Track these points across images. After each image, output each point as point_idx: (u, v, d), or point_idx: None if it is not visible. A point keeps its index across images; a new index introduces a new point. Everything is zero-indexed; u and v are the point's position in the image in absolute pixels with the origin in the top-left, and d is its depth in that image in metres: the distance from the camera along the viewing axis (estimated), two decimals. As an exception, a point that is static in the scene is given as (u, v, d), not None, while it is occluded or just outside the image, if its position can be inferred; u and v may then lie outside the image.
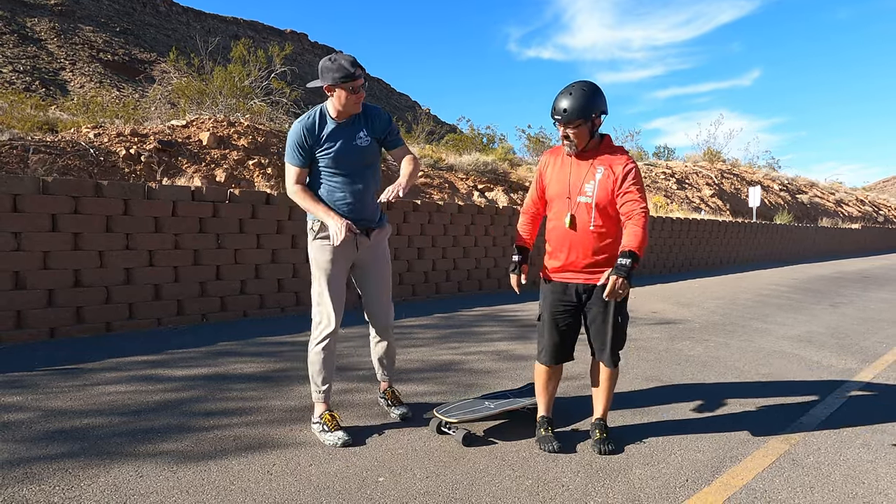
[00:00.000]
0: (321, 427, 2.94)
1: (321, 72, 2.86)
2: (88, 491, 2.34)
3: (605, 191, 2.75)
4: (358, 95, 2.87)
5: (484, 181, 12.83)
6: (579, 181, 2.80)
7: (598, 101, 2.72)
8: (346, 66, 2.80)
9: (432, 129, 17.46)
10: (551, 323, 2.96)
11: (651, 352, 5.03)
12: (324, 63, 2.85)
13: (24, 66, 32.83)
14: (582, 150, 2.81)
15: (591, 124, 2.75)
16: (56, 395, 3.41)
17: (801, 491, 2.57)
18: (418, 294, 7.76)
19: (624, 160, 2.77)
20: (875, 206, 32.62)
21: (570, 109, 2.68)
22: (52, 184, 4.89)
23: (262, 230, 6.16)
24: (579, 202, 2.80)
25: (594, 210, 2.77)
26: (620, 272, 2.62)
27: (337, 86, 2.83)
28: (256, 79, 11.41)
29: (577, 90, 2.70)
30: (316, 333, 2.97)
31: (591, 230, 2.79)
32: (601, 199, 2.76)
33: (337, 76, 2.81)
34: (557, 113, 2.72)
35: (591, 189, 2.77)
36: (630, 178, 2.72)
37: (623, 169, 2.74)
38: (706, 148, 25.01)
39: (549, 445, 2.89)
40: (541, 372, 3.05)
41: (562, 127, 2.74)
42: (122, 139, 8.08)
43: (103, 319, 5.12)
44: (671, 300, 8.25)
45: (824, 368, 4.67)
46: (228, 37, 25.68)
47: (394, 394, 3.34)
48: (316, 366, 2.98)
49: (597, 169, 2.78)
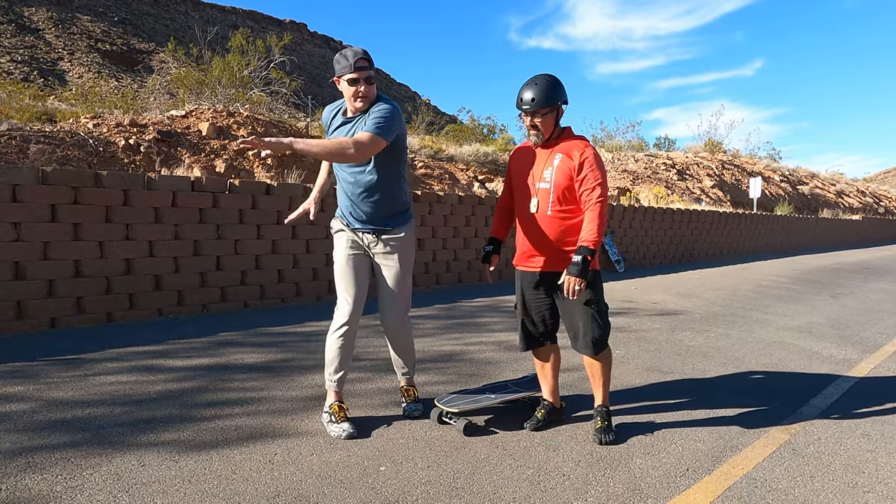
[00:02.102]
0: (329, 417, 2.95)
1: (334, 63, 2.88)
2: (91, 480, 2.34)
3: (563, 176, 2.80)
4: (356, 89, 2.77)
5: (484, 172, 12.80)
6: (539, 169, 2.88)
7: (560, 90, 2.82)
8: (347, 58, 2.78)
9: (432, 120, 17.40)
10: (522, 310, 3.04)
11: (651, 342, 5.03)
12: (336, 56, 2.86)
13: (22, 56, 32.65)
14: (546, 140, 2.88)
15: (556, 113, 2.84)
16: (57, 385, 3.42)
17: (801, 480, 2.58)
18: (419, 285, 7.77)
19: (581, 146, 2.82)
20: (876, 198, 32.57)
21: (538, 99, 2.77)
22: (51, 174, 4.88)
23: (263, 221, 6.15)
24: (539, 188, 2.88)
25: (551, 195, 2.83)
26: (572, 271, 2.68)
27: (340, 77, 2.82)
28: (255, 69, 11.35)
29: (541, 80, 2.80)
30: (333, 323, 2.98)
31: (548, 215, 2.85)
32: (559, 183, 2.81)
33: (337, 67, 2.81)
34: (525, 103, 2.81)
35: (549, 175, 2.84)
36: (587, 164, 2.76)
37: (580, 155, 2.79)
38: (707, 139, 24.99)
39: (530, 423, 3.01)
40: (534, 361, 3.16)
41: (528, 117, 2.83)
42: (121, 129, 8.05)
43: (104, 310, 5.12)
44: (672, 291, 8.25)
45: (824, 359, 4.68)
46: (227, 26, 25.51)
47: (408, 391, 3.26)
48: (330, 353, 2.98)
49: (555, 156, 2.85)
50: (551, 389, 3.12)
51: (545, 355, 3.09)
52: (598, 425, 2.93)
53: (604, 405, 2.99)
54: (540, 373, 3.14)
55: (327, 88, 39.35)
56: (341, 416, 2.93)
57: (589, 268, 2.70)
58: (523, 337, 3.07)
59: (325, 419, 2.96)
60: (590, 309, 2.85)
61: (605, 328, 2.92)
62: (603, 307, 2.91)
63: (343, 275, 2.96)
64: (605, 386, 3.00)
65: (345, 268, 2.96)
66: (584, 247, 2.68)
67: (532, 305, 3.00)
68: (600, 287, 2.92)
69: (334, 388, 3.00)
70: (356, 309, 2.94)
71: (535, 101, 2.78)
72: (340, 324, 2.93)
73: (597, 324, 2.87)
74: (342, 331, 2.94)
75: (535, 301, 2.98)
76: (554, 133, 2.87)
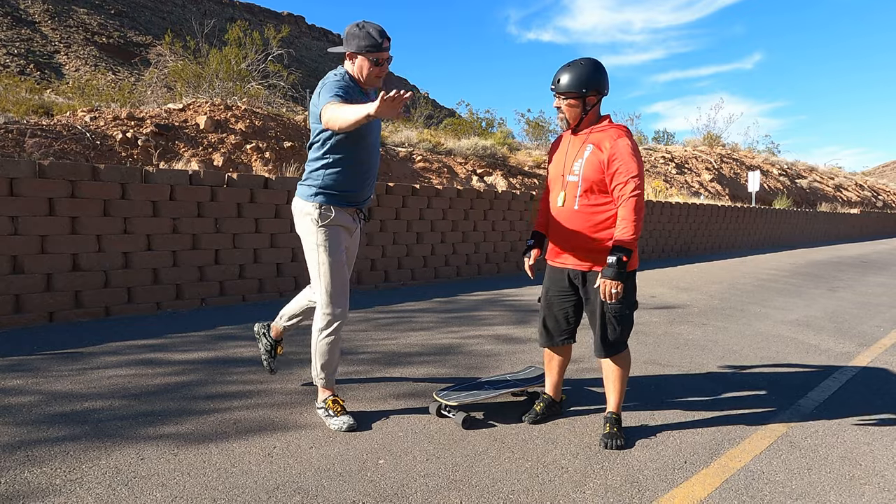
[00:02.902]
0: (326, 412, 2.93)
1: (346, 37, 2.70)
2: (90, 473, 2.35)
3: (592, 169, 2.65)
4: (381, 69, 2.71)
5: (483, 165, 12.78)
6: (570, 161, 2.76)
7: (594, 78, 2.66)
8: (373, 35, 2.64)
9: (431, 114, 17.34)
10: (545, 306, 2.97)
11: (650, 336, 5.04)
12: (350, 28, 2.69)
13: (19, 49, 32.48)
14: (578, 128, 2.76)
15: (584, 101, 2.69)
16: (56, 379, 3.42)
17: (798, 472, 2.59)
18: (417, 279, 7.76)
19: (614, 136, 2.65)
20: (874, 191, 32.59)
21: (564, 82, 2.68)
22: (48, 167, 4.86)
23: (261, 215, 6.14)
24: (568, 181, 2.75)
25: (579, 189, 2.70)
26: (607, 274, 2.55)
27: (360, 54, 2.68)
28: (253, 62, 11.30)
29: (575, 64, 2.69)
30: (324, 323, 2.87)
31: (575, 210, 2.72)
32: (588, 177, 2.66)
33: (363, 44, 2.65)
34: (553, 83, 2.73)
35: (578, 167, 2.70)
36: (618, 157, 2.59)
37: (611, 147, 2.62)
38: (706, 132, 24.94)
39: (529, 417, 2.99)
40: (544, 351, 3.10)
41: (556, 98, 2.74)
42: (118, 123, 8.01)
43: (102, 304, 5.11)
44: (670, 284, 8.26)
45: (822, 352, 4.69)
46: (224, 19, 25.36)
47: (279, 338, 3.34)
48: (325, 356, 2.91)
49: (587, 147, 2.70)
50: (554, 383, 3.09)
51: (558, 350, 3.04)
52: (607, 430, 2.80)
53: (615, 413, 2.85)
54: (547, 365, 3.11)
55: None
56: (338, 409, 2.92)
57: (626, 269, 2.55)
58: (543, 332, 2.99)
59: (322, 414, 2.95)
60: (611, 309, 2.71)
61: (623, 331, 2.76)
62: (626, 310, 2.73)
63: (340, 272, 2.86)
64: (620, 393, 2.85)
65: (341, 265, 2.88)
66: (619, 246, 2.53)
67: (555, 302, 2.91)
68: (632, 289, 2.77)
69: (327, 384, 2.98)
70: (347, 306, 2.93)
71: (560, 84, 2.68)
72: (339, 324, 2.88)
73: (612, 326, 2.73)
74: (339, 331, 2.90)
75: (558, 298, 2.89)
76: (582, 122, 2.73)
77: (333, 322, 2.87)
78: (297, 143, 9.43)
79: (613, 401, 2.87)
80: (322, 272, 2.84)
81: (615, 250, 2.54)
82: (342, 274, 2.88)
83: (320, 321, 2.89)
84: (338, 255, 2.86)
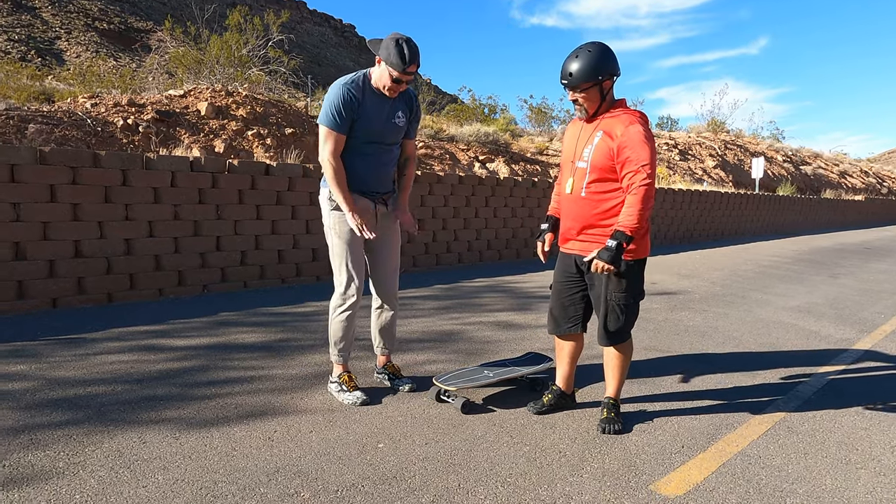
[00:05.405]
0: (339, 387, 3.06)
1: (383, 43, 2.78)
2: (93, 457, 2.37)
3: (601, 156, 2.60)
4: (399, 86, 2.85)
5: (485, 152, 12.74)
6: (581, 147, 2.70)
7: (605, 62, 2.57)
8: (402, 57, 2.73)
9: (433, 100, 17.24)
10: (554, 292, 2.94)
11: (650, 322, 5.05)
12: (390, 38, 2.77)
13: (19, 35, 32.34)
14: (593, 114, 2.69)
15: (600, 88, 2.60)
16: (59, 364, 3.45)
17: (795, 457, 2.61)
18: (419, 265, 7.77)
19: (625, 123, 2.56)
20: (879, 178, 32.40)
21: (577, 73, 2.56)
22: (49, 154, 4.86)
23: (262, 201, 6.14)
24: (577, 167, 2.71)
25: (587, 175, 2.65)
26: (602, 255, 2.53)
27: (386, 64, 2.79)
28: (254, 47, 11.23)
29: (583, 52, 2.57)
30: (339, 301, 3.05)
31: (582, 197, 2.68)
32: (596, 164, 2.61)
33: (392, 60, 2.75)
34: (564, 77, 2.60)
35: (587, 154, 2.64)
36: (628, 145, 2.51)
37: (621, 135, 2.54)
38: (710, 118, 24.75)
39: (534, 407, 2.97)
40: (554, 340, 3.06)
41: (570, 92, 2.63)
42: (119, 109, 8.00)
43: (104, 290, 5.14)
44: (672, 271, 8.25)
45: (822, 338, 4.69)
46: (225, 4, 25.16)
47: (395, 367, 3.37)
48: (339, 333, 3.07)
49: (597, 134, 2.64)
50: (565, 375, 3.01)
51: (566, 338, 2.98)
52: (604, 415, 2.82)
53: (614, 398, 2.87)
54: (557, 355, 3.04)
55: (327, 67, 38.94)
56: (352, 385, 3.07)
57: (624, 256, 2.54)
58: (550, 318, 2.97)
59: (335, 389, 3.07)
60: (615, 297, 2.69)
61: (627, 321, 2.74)
62: (631, 300, 2.72)
63: (351, 254, 2.99)
64: (619, 380, 2.86)
65: (353, 247, 3.00)
66: (619, 232, 2.49)
67: (563, 289, 2.88)
68: (637, 278, 2.74)
69: (342, 360, 3.14)
70: (362, 286, 3.06)
71: (573, 76, 2.56)
72: (352, 302, 3.03)
73: (615, 315, 2.71)
74: (353, 309, 3.04)
75: (566, 285, 2.87)
76: (601, 107, 2.65)
77: (346, 301, 3.03)
78: (299, 129, 9.40)
79: (613, 387, 2.88)
80: (335, 253, 3.03)
81: (615, 235, 2.51)
82: (354, 256, 3.01)
83: (334, 300, 3.07)
84: (348, 238, 2.98)
